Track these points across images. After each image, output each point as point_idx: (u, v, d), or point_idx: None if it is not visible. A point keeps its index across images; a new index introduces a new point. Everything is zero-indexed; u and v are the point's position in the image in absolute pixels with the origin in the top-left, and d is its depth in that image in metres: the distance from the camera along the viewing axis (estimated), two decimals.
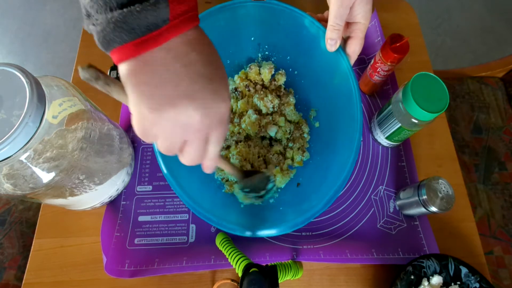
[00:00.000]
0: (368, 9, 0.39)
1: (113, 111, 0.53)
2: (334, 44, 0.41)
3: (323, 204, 0.37)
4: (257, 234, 0.37)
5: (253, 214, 0.43)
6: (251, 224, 0.38)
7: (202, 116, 0.24)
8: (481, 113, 0.74)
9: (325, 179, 0.41)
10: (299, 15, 0.43)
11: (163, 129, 0.24)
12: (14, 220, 0.63)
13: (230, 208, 0.43)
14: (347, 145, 0.39)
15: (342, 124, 0.42)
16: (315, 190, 0.41)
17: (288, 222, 0.37)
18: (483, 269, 0.46)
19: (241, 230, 0.37)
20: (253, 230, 0.37)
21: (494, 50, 1.40)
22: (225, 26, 0.45)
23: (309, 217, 0.37)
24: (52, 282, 0.44)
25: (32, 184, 0.32)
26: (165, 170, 0.36)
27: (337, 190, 0.37)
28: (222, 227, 0.36)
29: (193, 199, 0.37)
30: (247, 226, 0.37)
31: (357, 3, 0.38)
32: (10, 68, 0.31)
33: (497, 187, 0.67)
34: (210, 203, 0.40)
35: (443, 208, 0.41)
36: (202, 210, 0.36)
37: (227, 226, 0.36)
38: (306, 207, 0.38)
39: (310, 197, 0.41)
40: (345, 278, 0.45)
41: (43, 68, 1.39)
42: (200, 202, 0.37)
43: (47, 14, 1.49)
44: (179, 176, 0.37)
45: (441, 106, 0.40)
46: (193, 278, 0.44)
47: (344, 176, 0.37)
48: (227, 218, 0.37)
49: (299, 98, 0.51)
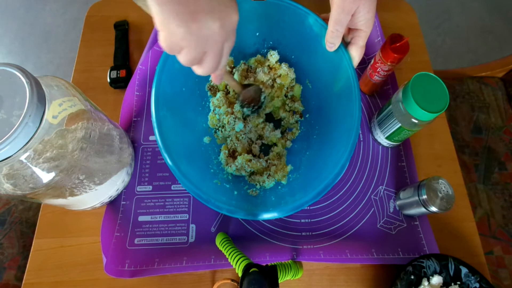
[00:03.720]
0: (370, 17, 0.38)
1: (113, 111, 0.54)
2: (333, 47, 0.41)
3: (324, 185, 0.39)
4: (259, 217, 0.38)
5: (249, 201, 0.43)
6: (251, 208, 0.39)
7: (220, 28, 0.28)
8: (481, 113, 0.74)
9: (324, 166, 0.42)
10: (304, 13, 0.44)
11: (188, 42, 0.28)
12: (14, 220, 0.63)
13: (228, 194, 0.44)
14: (345, 137, 0.40)
15: (341, 118, 0.43)
16: (312, 179, 0.42)
17: (288, 205, 0.39)
18: (483, 269, 0.46)
19: (241, 212, 0.38)
20: (253, 213, 0.38)
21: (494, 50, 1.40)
22: None
23: (311, 199, 0.38)
24: (52, 282, 0.44)
25: (32, 184, 0.32)
26: (170, 162, 0.39)
27: (338, 173, 0.39)
28: (223, 210, 0.38)
29: (196, 186, 0.39)
30: (247, 210, 0.39)
31: (359, 10, 0.37)
32: (10, 68, 0.31)
33: (497, 187, 0.67)
34: (211, 190, 0.41)
35: (443, 208, 0.41)
36: (204, 194, 0.39)
37: (229, 209, 0.38)
38: (305, 192, 0.40)
39: (308, 185, 0.41)
40: (345, 278, 0.45)
41: (43, 68, 1.39)
42: (202, 188, 0.39)
43: (47, 14, 1.49)
44: (180, 165, 0.40)
45: (441, 106, 0.40)
46: (193, 278, 0.44)
47: (343, 160, 0.39)
48: (227, 202, 0.39)
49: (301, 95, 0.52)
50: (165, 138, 0.40)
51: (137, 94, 0.54)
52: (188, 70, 0.45)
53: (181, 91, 0.46)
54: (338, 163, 0.39)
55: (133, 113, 0.53)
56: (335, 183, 0.49)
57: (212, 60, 0.31)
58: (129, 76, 0.56)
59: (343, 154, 0.39)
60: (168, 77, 0.43)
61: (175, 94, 0.45)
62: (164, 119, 0.41)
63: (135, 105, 0.53)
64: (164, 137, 0.40)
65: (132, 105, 0.53)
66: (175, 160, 0.39)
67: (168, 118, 0.42)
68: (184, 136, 0.44)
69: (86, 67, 0.58)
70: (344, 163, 0.39)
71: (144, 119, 0.53)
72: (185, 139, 0.44)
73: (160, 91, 0.42)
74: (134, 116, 0.53)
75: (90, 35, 0.60)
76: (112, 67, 0.56)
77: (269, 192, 0.45)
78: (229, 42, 0.31)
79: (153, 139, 0.52)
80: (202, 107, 0.50)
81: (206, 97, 0.51)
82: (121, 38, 0.59)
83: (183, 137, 0.44)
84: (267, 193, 0.45)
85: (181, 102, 0.45)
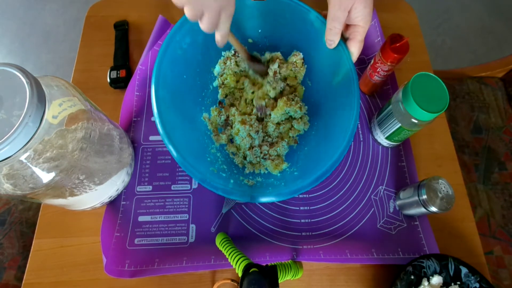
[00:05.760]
0: (367, 13, 0.38)
1: (113, 111, 0.54)
2: (333, 44, 0.42)
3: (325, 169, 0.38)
4: (256, 200, 0.38)
5: (244, 187, 0.44)
6: (248, 190, 0.39)
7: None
8: (481, 113, 0.74)
9: (323, 155, 0.42)
10: (305, 10, 0.44)
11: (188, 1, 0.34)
12: (14, 220, 0.63)
13: (224, 182, 0.44)
14: (344, 130, 0.40)
15: (340, 113, 0.43)
16: (310, 169, 0.42)
17: (286, 189, 0.39)
18: (483, 269, 0.46)
19: (238, 193, 0.38)
20: (251, 195, 0.38)
21: (494, 50, 1.40)
22: (233, 15, 0.46)
23: (309, 184, 0.38)
24: (52, 282, 0.44)
25: (32, 184, 0.32)
26: (175, 153, 0.39)
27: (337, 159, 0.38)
28: (219, 191, 0.38)
29: (192, 165, 0.39)
30: (245, 192, 0.39)
31: (356, 6, 0.38)
32: (10, 68, 0.31)
33: (497, 187, 0.67)
34: (208, 174, 0.41)
35: (443, 208, 0.41)
36: (199, 173, 0.38)
37: (225, 190, 0.38)
38: (303, 180, 0.40)
39: (306, 173, 0.41)
40: (345, 278, 0.45)
41: (43, 68, 1.39)
42: (198, 168, 0.39)
43: (47, 14, 1.49)
44: (177, 145, 0.39)
45: (441, 106, 0.40)
46: (193, 278, 0.44)
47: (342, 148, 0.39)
48: (224, 184, 0.39)
49: None
50: (163, 117, 0.40)
51: (137, 94, 0.54)
52: (189, 59, 0.46)
53: (181, 77, 0.46)
54: (337, 149, 0.39)
55: (133, 113, 0.53)
56: (336, 183, 0.50)
57: (209, 20, 0.36)
58: (129, 76, 0.56)
59: (342, 141, 0.39)
60: (169, 62, 0.43)
61: (175, 78, 0.44)
62: (163, 100, 0.41)
63: (135, 105, 0.53)
64: (163, 117, 0.39)
65: (132, 105, 0.53)
66: (171, 136, 0.39)
67: (167, 99, 0.42)
68: (182, 121, 0.44)
69: (86, 67, 0.58)
70: (343, 149, 0.38)
71: (144, 119, 0.53)
72: (184, 125, 0.44)
73: (161, 72, 0.41)
74: (134, 116, 0.53)
75: (90, 35, 0.60)
76: (112, 67, 0.56)
77: (266, 184, 0.45)
78: (226, 10, 0.36)
79: (153, 139, 0.52)
80: (201, 98, 0.50)
81: (207, 88, 0.51)
82: (121, 38, 0.59)
83: (182, 123, 0.44)
84: (263, 184, 0.45)
85: (181, 88, 0.45)
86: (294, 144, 0.49)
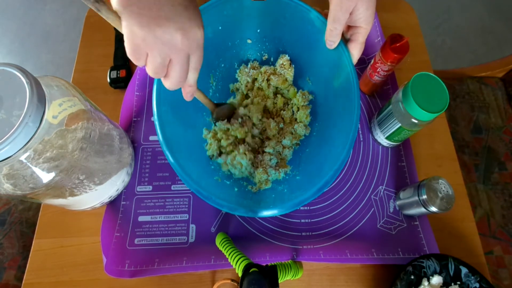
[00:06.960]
0: (369, 14, 0.38)
1: (113, 111, 0.54)
2: (333, 45, 0.41)
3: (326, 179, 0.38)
4: (259, 214, 0.38)
5: (249, 198, 0.43)
6: (251, 205, 0.39)
7: (182, 37, 0.28)
8: (481, 113, 0.74)
9: (324, 162, 0.42)
10: (305, 9, 0.44)
11: (151, 46, 0.28)
12: (14, 220, 0.63)
13: (228, 191, 0.44)
14: (344, 133, 0.40)
15: (340, 115, 0.43)
16: (312, 176, 0.42)
17: (288, 202, 0.39)
18: (483, 269, 0.46)
19: (242, 210, 0.38)
20: (253, 210, 0.38)
21: (494, 50, 1.40)
22: (231, 15, 0.46)
23: (311, 196, 0.38)
24: (52, 282, 0.44)
25: (32, 184, 0.32)
26: (171, 159, 0.39)
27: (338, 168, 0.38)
28: (224, 208, 0.38)
29: (197, 182, 0.39)
30: (248, 207, 0.39)
31: (358, 7, 0.37)
32: (10, 68, 0.31)
33: (497, 187, 0.67)
34: (212, 187, 0.41)
35: (443, 208, 0.41)
36: (204, 191, 0.38)
37: (230, 206, 0.38)
38: (305, 189, 0.40)
39: (308, 181, 0.41)
40: (345, 278, 0.45)
41: (43, 68, 1.39)
42: (202, 184, 0.39)
43: (47, 14, 1.49)
44: (181, 161, 0.39)
45: (441, 106, 0.40)
46: (193, 278, 0.44)
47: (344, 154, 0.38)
48: (228, 199, 0.39)
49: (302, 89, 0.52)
50: (166, 134, 0.40)
51: (137, 94, 0.54)
52: None
53: None
54: (338, 158, 0.39)
55: (133, 113, 0.53)
56: (336, 183, 0.50)
57: (178, 70, 0.30)
58: (129, 76, 0.56)
59: (343, 149, 0.39)
60: None
61: (177, 90, 0.44)
62: (165, 114, 0.41)
63: (135, 105, 0.53)
64: (166, 133, 0.40)
65: (132, 105, 0.53)
66: (176, 156, 0.39)
67: (169, 114, 0.42)
68: (185, 132, 0.44)
69: (86, 67, 0.58)
70: (344, 158, 0.38)
71: (144, 119, 0.53)
72: (186, 136, 0.44)
73: (161, 87, 0.42)
74: (134, 116, 0.53)
75: (90, 35, 0.60)
76: (112, 67, 0.56)
77: (269, 190, 0.45)
78: (195, 56, 0.31)
79: (153, 139, 0.52)
80: (203, 104, 0.50)
81: (208, 94, 0.51)
82: (121, 38, 0.58)
83: (184, 134, 0.44)
84: (267, 190, 0.45)
85: (182, 98, 0.45)
86: (296, 146, 0.49)
